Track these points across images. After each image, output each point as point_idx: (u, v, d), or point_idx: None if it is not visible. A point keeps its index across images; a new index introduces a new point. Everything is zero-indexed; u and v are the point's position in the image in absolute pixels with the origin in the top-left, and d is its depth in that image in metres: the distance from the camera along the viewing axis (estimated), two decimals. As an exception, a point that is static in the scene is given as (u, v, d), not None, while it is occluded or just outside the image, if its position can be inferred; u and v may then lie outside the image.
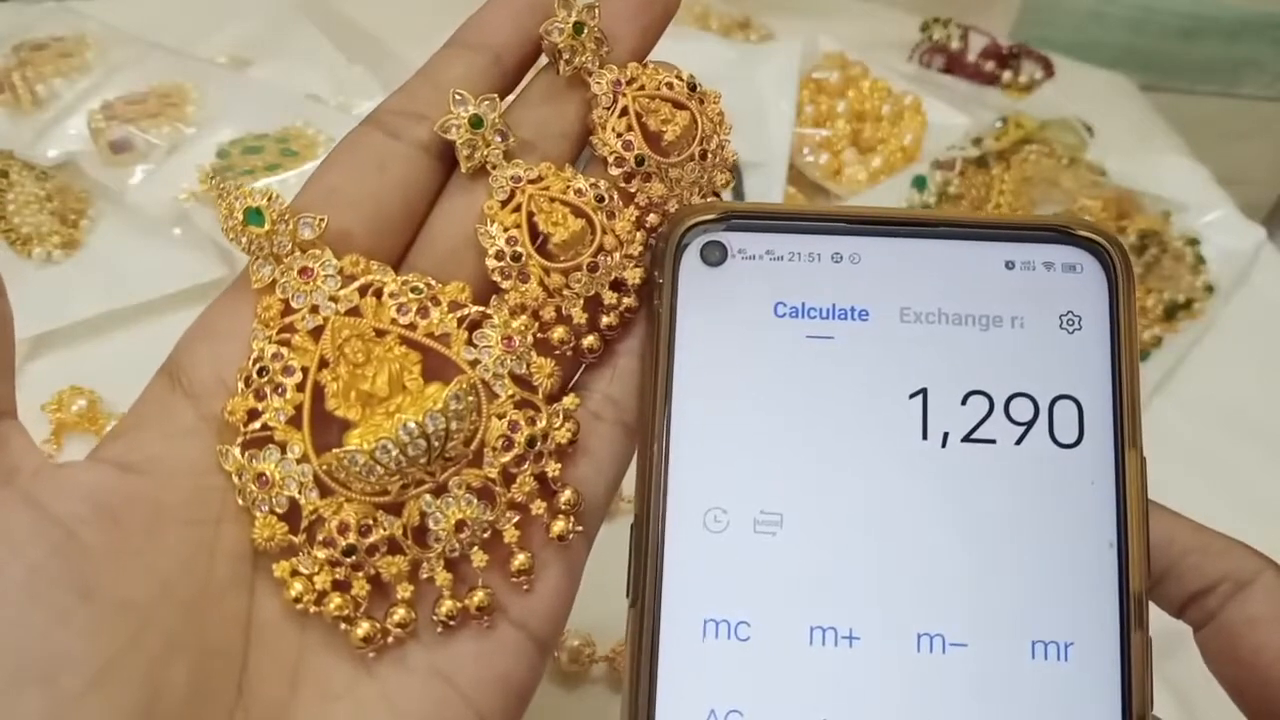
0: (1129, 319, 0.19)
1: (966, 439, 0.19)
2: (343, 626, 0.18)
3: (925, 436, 0.19)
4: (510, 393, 0.19)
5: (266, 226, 0.19)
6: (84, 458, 0.18)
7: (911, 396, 0.19)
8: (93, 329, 0.43)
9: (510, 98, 0.21)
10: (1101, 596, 0.18)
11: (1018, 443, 0.19)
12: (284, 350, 0.19)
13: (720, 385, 0.19)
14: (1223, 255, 0.51)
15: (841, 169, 0.53)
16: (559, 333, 0.20)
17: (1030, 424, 0.19)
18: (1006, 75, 0.64)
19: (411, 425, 0.18)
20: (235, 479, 0.18)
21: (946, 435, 0.19)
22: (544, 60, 0.21)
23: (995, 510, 0.19)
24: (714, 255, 0.20)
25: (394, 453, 0.18)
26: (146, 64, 0.51)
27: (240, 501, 0.18)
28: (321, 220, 0.19)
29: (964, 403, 0.19)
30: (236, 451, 0.18)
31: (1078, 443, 0.19)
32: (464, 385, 0.18)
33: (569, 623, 0.21)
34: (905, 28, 0.66)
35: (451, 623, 0.18)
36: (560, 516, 0.19)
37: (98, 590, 0.16)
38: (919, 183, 0.50)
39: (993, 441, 0.19)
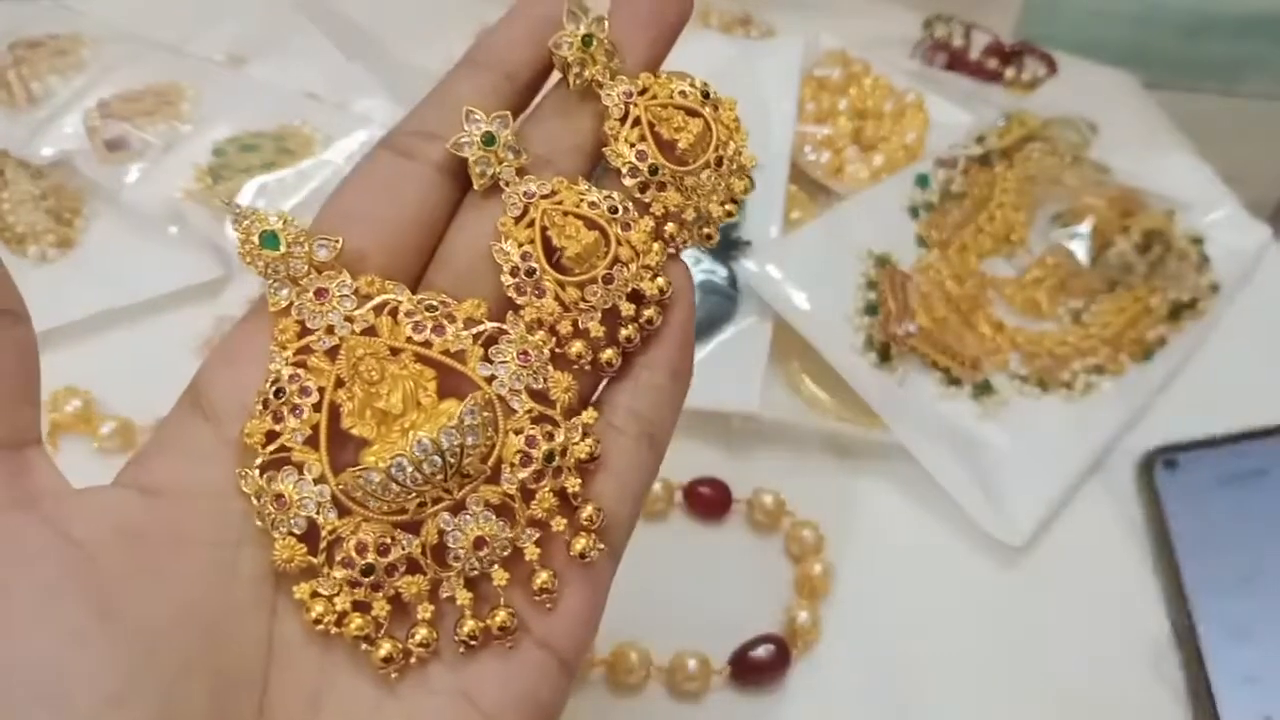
0: None
1: None
2: (364, 647, 0.18)
3: None
4: (528, 408, 0.19)
5: (282, 250, 0.19)
6: (109, 483, 0.18)
7: None
8: (88, 329, 0.43)
9: (524, 115, 0.21)
10: None
11: None
12: (300, 372, 0.19)
13: None
14: (1227, 254, 0.51)
15: (843, 167, 0.52)
16: (577, 347, 0.20)
17: None
18: (1009, 72, 0.63)
19: (426, 441, 0.18)
20: (254, 501, 0.18)
21: None
22: (557, 77, 0.21)
23: None
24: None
25: (409, 470, 0.18)
26: (142, 62, 0.50)
27: (259, 523, 0.18)
28: (337, 242, 0.19)
29: None
30: (255, 473, 0.18)
31: None
32: (479, 400, 0.18)
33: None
34: (907, 25, 0.66)
35: (473, 642, 0.18)
36: (582, 534, 0.19)
37: (116, 611, 0.16)
38: (921, 181, 0.49)
39: None
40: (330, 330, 0.19)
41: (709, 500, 0.40)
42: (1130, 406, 0.45)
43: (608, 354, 0.20)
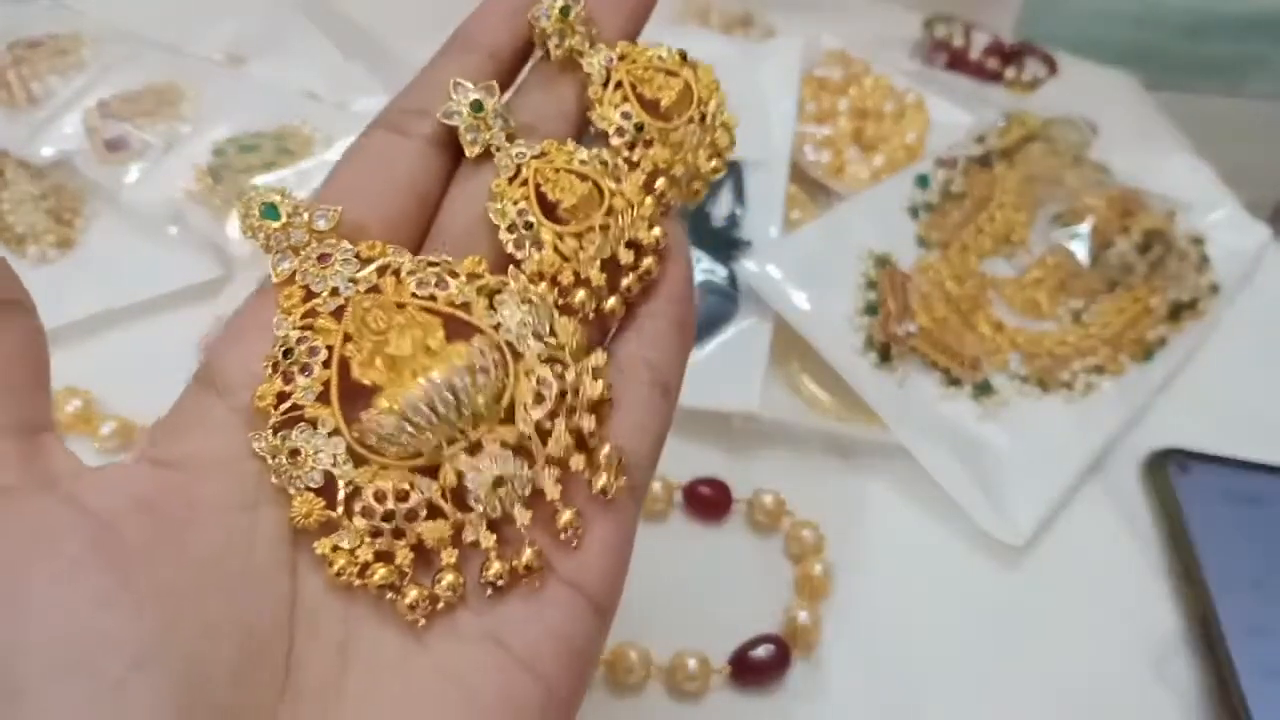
0: None
1: None
2: (389, 596, 0.18)
3: None
4: (536, 350, 0.19)
5: (282, 220, 0.19)
6: (121, 460, 0.18)
7: None
8: (88, 329, 0.43)
9: (509, 92, 0.22)
10: None
11: None
12: (308, 333, 0.19)
13: None
14: (1228, 254, 0.51)
15: (844, 167, 0.52)
16: (580, 295, 0.20)
17: None
18: (1010, 72, 0.63)
19: (437, 379, 0.18)
20: (269, 460, 0.18)
21: None
22: (537, 56, 0.22)
23: None
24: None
25: (424, 410, 0.18)
26: (142, 61, 0.50)
27: (275, 481, 0.18)
28: (336, 211, 0.19)
29: None
30: (269, 434, 0.18)
31: None
32: (488, 341, 0.18)
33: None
34: (908, 25, 0.66)
35: (500, 584, 0.18)
36: (602, 471, 0.19)
37: (137, 579, 0.16)
38: (921, 181, 0.49)
39: None
40: (335, 292, 0.19)
41: (709, 500, 0.40)
42: (1130, 406, 0.45)
43: (611, 303, 0.20)
